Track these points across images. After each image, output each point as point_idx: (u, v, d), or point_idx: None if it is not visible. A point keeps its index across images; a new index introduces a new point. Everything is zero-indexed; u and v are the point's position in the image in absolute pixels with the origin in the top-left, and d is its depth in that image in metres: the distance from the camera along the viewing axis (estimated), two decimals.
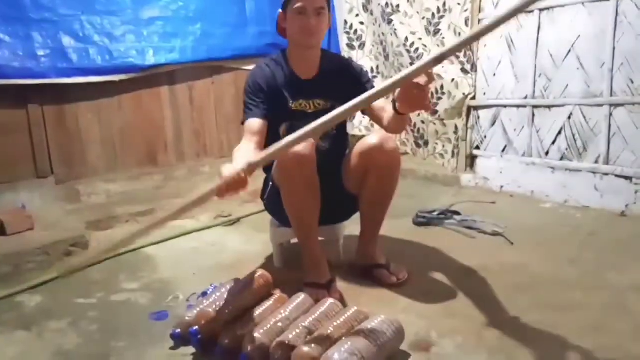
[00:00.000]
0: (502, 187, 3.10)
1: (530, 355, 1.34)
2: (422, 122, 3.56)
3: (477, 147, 3.28)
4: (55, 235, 2.35)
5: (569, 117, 2.71)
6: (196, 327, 1.40)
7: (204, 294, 1.72)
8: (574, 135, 2.70)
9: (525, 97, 2.92)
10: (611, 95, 2.51)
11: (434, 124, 3.46)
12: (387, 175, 1.82)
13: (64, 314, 1.75)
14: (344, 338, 1.27)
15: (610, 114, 2.52)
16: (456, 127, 3.34)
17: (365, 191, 1.86)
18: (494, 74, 3.11)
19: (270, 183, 1.92)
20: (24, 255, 2.18)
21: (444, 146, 3.45)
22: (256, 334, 1.32)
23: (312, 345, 1.25)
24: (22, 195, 2.84)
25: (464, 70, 3.26)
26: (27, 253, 2.19)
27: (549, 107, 2.81)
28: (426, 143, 3.59)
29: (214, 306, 1.49)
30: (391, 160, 1.79)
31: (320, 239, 1.89)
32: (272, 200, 1.90)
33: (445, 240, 2.31)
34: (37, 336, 1.61)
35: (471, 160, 3.32)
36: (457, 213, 2.59)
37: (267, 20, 3.62)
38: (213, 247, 2.39)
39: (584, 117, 2.64)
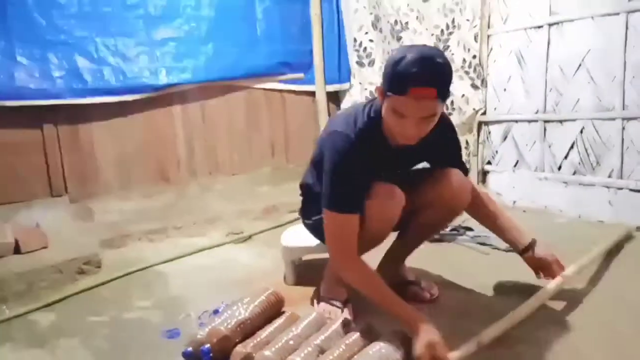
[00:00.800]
0: (514, 202, 3.08)
1: None
2: None
3: (489, 162, 3.27)
4: (68, 254, 2.37)
5: (581, 132, 2.69)
6: (208, 346, 1.39)
7: (216, 312, 1.72)
8: (586, 150, 2.68)
9: (537, 112, 2.91)
10: (623, 109, 2.49)
11: None
12: (452, 215, 1.78)
13: (76, 331, 1.75)
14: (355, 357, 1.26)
15: (623, 128, 2.50)
16: (467, 143, 3.33)
17: (421, 217, 1.75)
18: (505, 89, 3.11)
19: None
20: (38, 273, 2.20)
21: None
22: (267, 352, 1.31)
23: None
24: (37, 213, 2.88)
25: (474, 86, 3.26)
26: (41, 271, 2.21)
27: (561, 121, 2.79)
28: None
29: (226, 324, 1.48)
30: (462, 205, 1.73)
31: None
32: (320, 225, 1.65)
33: (458, 257, 2.30)
34: (50, 354, 1.61)
35: (483, 175, 3.31)
36: (470, 229, 2.57)
37: (278, 39, 3.67)
38: (224, 264, 2.39)
39: (597, 131, 2.62)
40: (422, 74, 1.30)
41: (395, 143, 1.52)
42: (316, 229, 1.78)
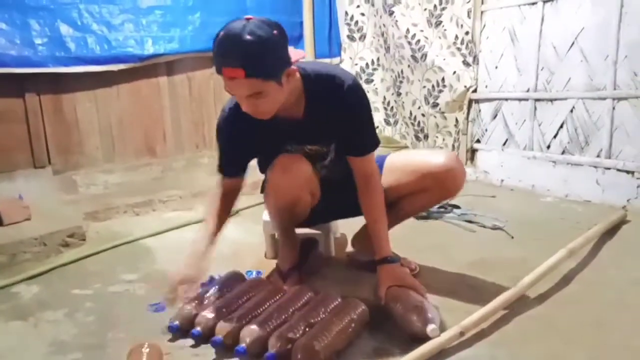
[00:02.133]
0: (502, 181, 3.08)
1: (531, 349, 1.33)
2: (423, 115, 3.54)
3: (478, 141, 3.27)
4: (52, 226, 2.32)
5: (571, 111, 2.69)
6: (220, 337, 1.34)
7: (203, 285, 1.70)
8: (576, 129, 2.68)
9: (527, 90, 2.90)
10: (614, 89, 2.48)
11: (434, 117, 3.44)
12: (445, 198, 1.78)
13: (61, 304, 1.73)
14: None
15: (613, 108, 2.49)
16: (457, 120, 3.32)
17: (412, 199, 1.74)
18: (496, 67, 3.08)
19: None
20: (21, 245, 2.16)
21: (444, 139, 3.43)
22: (253, 326, 1.31)
23: (313, 337, 1.23)
24: (19, 185, 2.82)
25: (465, 63, 3.23)
26: (24, 243, 2.17)
27: (551, 100, 2.79)
28: (426, 136, 3.57)
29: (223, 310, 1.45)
30: (459, 186, 1.70)
31: (314, 231, 1.93)
32: None
33: (445, 234, 2.30)
34: (33, 327, 1.59)
35: (472, 153, 3.30)
36: (457, 207, 2.57)
37: (267, 9, 3.59)
38: None
39: (587, 110, 2.62)
40: (225, 54, 1.27)
41: (278, 117, 1.45)
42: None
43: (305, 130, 1.55)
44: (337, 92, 1.48)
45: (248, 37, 1.24)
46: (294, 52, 1.41)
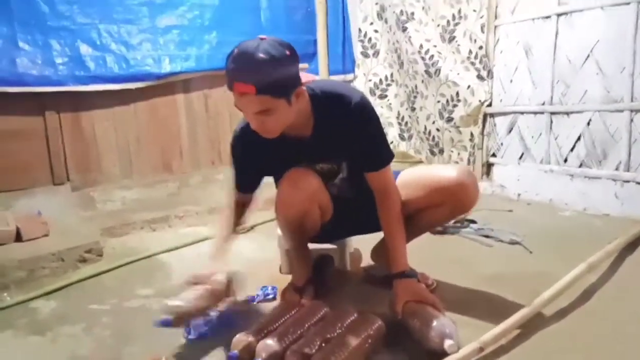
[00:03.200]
0: (519, 195, 3.05)
1: None
2: (437, 129, 3.53)
3: (494, 155, 3.24)
4: (70, 242, 2.35)
5: (588, 124, 2.66)
6: (236, 351, 1.34)
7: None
8: (593, 142, 2.65)
9: (543, 104, 2.88)
10: (632, 101, 2.45)
11: (449, 131, 3.43)
12: (460, 212, 1.75)
13: (78, 319, 1.74)
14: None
15: (631, 120, 2.46)
16: (472, 135, 3.31)
17: (426, 214, 1.72)
18: (511, 81, 3.07)
19: None
20: (39, 261, 2.18)
21: (459, 154, 3.41)
22: (269, 341, 1.30)
23: (329, 353, 1.22)
24: (38, 201, 2.87)
25: (479, 77, 3.23)
26: (42, 259, 2.20)
27: (567, 113, 2.76)
28: (441, 151, 3.56)
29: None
30: (473, 201, 1.69)
31: (328, 246, 1.94)
32: None
33: (461, 249, 2.28)
34: (51, 341, 1.60)
35: (487, 168, 3.28)
36: (474, 221, 2.55)
37: (282, 28, 3.65)
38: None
39: (604, 123, 2.59)
40: (238, 70, 1.30)
41: (287, 136, 1.49)
42: None
43: (314, 148, 1.56)
44: (344, 109, 1.49)
45: (261, 55, 1.27)
46: (304, 76, 1.44)
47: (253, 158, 1.61)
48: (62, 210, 2.91)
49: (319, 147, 1.56)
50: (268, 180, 1.75)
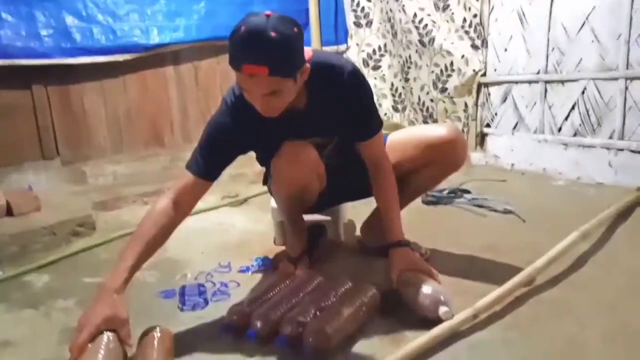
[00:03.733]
0: (513, 165, 3.05)
1: (545, 331, 1.31)
2: (431, 100, 3.50)
3: (488, 125, 3.23)
4: (61, 216, 2.34)
5: (583, 92, 2.64)
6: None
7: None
8: (587, 111, 2.64)
9: (538, 73, 2.86)
10: (627, 68, 2.44)
11: (443, 102, 3.41)
12: (450, 171, 1.74)
13: (71, 293, 1.73)
14: None
15: (626, 88, 2.45)
16: (466, 105, 3.28)
17: (417, 176, 1.73)
18: (505, 49, 3.04)
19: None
20: (31, 235, 2.17)
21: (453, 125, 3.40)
22: (264, 310, 1.30)
23: (324, 320, 1.22)
24: (29, 176, 2.85)
25: (474, 46, 3.19)
26: (34, 233, 2.18)
27: (562, 82, 2.74)
28: (435, 122, 3.53)
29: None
30: (462, 157, 1.69)
31: (322, 217, 1.92)
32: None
33: (455, 219, 2.28)
34: (45, 315, 1.60)
35: (481, 138, 3.27)
36: (467, 192, 2.55)
37: None
38: (220, 227, 2.37)
39: (599, 91, 2.57)
40: (249, 51, 1.21)
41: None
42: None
43: (307, 122, 1.51)
44: (337, 79, 1.46)
45: (273, 34, 1.19)
46: (305, 51, 1.38)
47: (240, 133, 1.48)
48: (53, 185, 2.89)
49: (313, 120, 1.51)
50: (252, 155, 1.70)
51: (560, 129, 2.79)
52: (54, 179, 2.94)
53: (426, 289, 1.36)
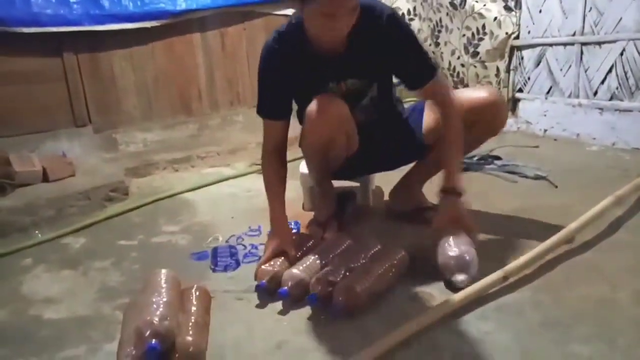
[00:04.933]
0: (545, 130, 2.98)
1: (576, 293, 1.30)
2: (462, 65, 3.42)
3: (520, 90, 3.14)
4: (95, 181, 2.40)
5: (621, 54, 2.53)
6: (263, 281, 1.36)
7: None
8: (625, 73, 2.54)
9: (574, 34, 2.75)
10: None
11: (475, 66, 3.32)
12: (491, 133, 1.70)
13: (107, 254, 1.79)
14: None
15: None
16: (498, 70, 3.20)
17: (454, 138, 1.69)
18: (540, 10, 2.92)
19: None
20: (67, 199, 2.23)
21: None
22: (295, 270, 1.32)
23: (353, 280, 1.24)
24: (63, 143, 2.91)
25: (507, 8, 3.08)
26: (70, 197, 2.25)
27: (599, 43, 2.63)
28: (466, 87, 3.46)
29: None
30: (503, 120, 1.67)
31: (352, 184, 1.95)
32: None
33: (484, 185, 2.25)
34: (82, 274, 1.66)
35: (513, 103, 3.19)
36: (498, 158, 2.51)
37: None
38: (249, 193, 2.40)
39: (639, 52, 2.46)
40: None
41: (321, 51, 1.48)
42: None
43: (347, 64, 1.52)
44: (376, 22, 1.46)
45: None
46: None
47: (286, 75, 1.54)
48: (86, 152, 2.95)
49: (352, 63, 1.52)
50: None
51: (596, 93, 2.70)
52: (86, 145, 3.00)
53: (454, 250, 1.36)
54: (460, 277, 1.30)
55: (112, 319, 1.33)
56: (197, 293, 1.27)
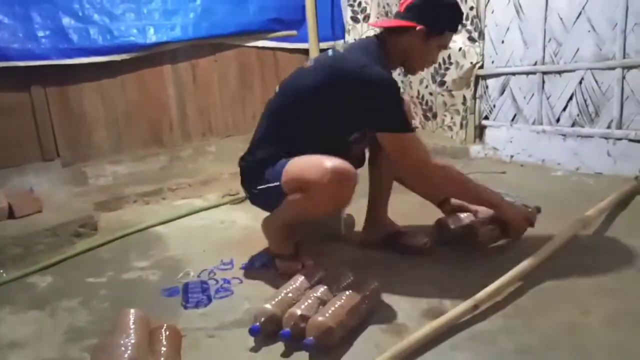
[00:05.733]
0: (512, 156, 3.05)
1: (547, 319, 1.32)
2: (430, 94, 3.51)
3: (486, 117, 3.23)
4: (63, 217, 2.34)
5: (580, 82, 2.64)
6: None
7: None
8: (585, 101, 2.64)
9: (535, 64, 2.86)
10: (624, 57, 2.44)
11: (442, 95, 3.41)
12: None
13: (75, 293, 1.74)
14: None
15: (624, 77, 2.45)
16: (464, 98, 3.28)
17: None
18: (502, 41, 3.04)
19: (276, 183, 1.63)
20: (34, 236, 2.17)
21: (452, 118, 3.40)
22: (267, 306, 1.31)
23: (327, 314, 1.23)
24: (30, 178, 2.85)
25: (471, 39, 3.18)
26: (37, 234, 2.19)
27: (560, 72, 2.74)
28: (434, 115, 3.54)
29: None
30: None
31: None
32: (268, 196, 1.70)
33: None
34: (50, 315, 1.61)
35: (480, 130, 3.27)
36: None
37: None
38: (222, 225, 2.38)
39: (596, 81, 2.57)
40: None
41: None
42: (262, 197, 1.74)
43: None
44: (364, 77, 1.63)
45: None
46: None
47: None
48: (54, 186, 2.89)
49: None
50: None
51: (558, 120, 2.80)
52: (54, 180, 2.94)
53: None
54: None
55: None
56: (167, 333, 1.25)
